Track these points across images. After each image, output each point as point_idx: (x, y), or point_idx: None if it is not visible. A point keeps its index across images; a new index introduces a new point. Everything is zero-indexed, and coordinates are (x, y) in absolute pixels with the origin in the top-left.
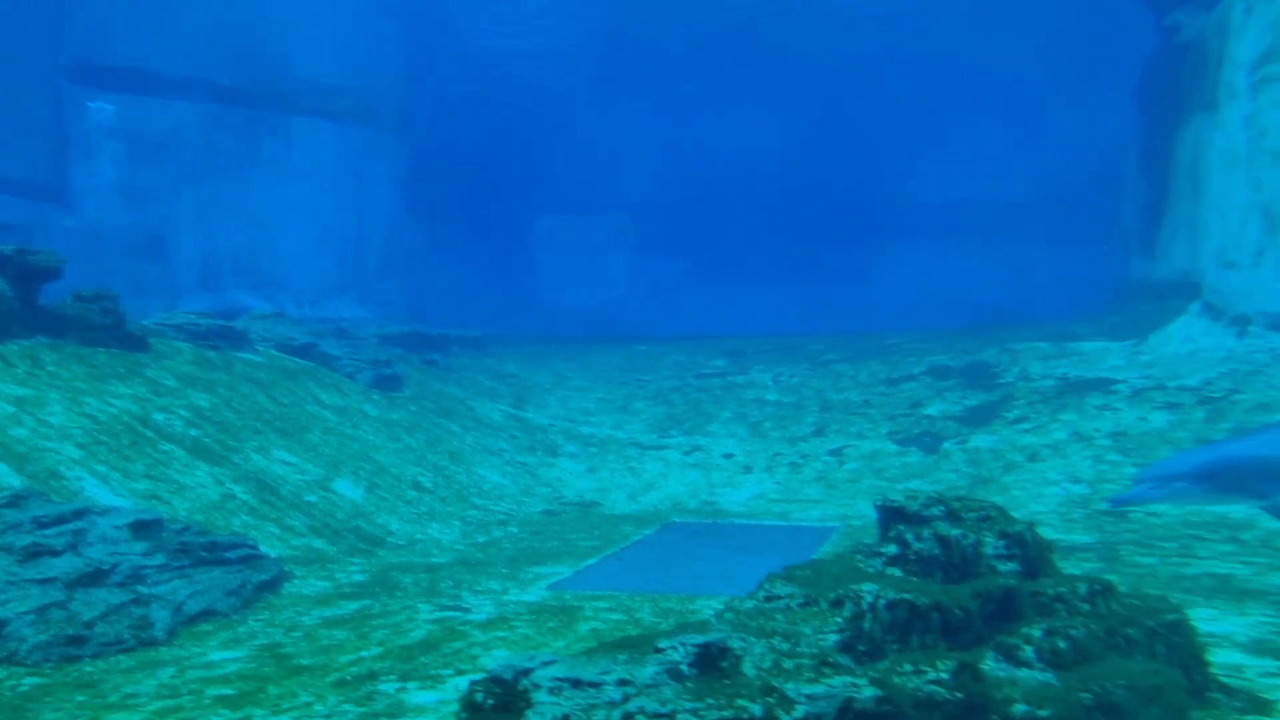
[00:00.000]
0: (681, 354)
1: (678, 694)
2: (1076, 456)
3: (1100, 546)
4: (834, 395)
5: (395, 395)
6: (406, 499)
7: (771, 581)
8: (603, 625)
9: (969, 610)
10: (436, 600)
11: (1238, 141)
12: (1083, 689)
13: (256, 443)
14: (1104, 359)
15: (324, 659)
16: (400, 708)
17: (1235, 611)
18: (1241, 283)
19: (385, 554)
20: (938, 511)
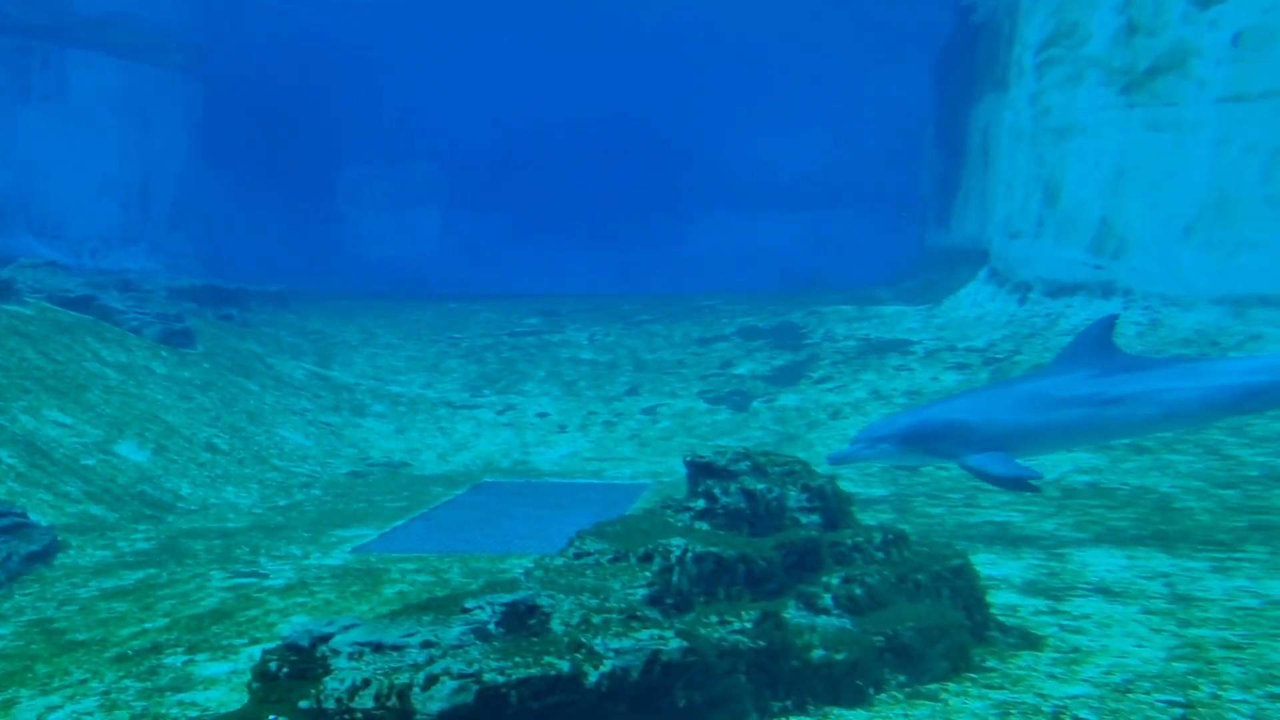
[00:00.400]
0: (495, 312)
1: (484, 653)
2: (876, 414)
3: (895, 498)
4: (648, 355)
5: (187, 352)
6: (199, 461)
7: (581, 538)
8: (409, 588)
9: (773, 561)
10: (231, 567)
11: (1024, 118)
12: (875, 632)
13: (25, 403)
14: (902, 321)
15: (102, 633)
16: (188, 681)
17: (1011, 556)
18: (1024, 252)
19: (175, 520)
20: (744, 466)
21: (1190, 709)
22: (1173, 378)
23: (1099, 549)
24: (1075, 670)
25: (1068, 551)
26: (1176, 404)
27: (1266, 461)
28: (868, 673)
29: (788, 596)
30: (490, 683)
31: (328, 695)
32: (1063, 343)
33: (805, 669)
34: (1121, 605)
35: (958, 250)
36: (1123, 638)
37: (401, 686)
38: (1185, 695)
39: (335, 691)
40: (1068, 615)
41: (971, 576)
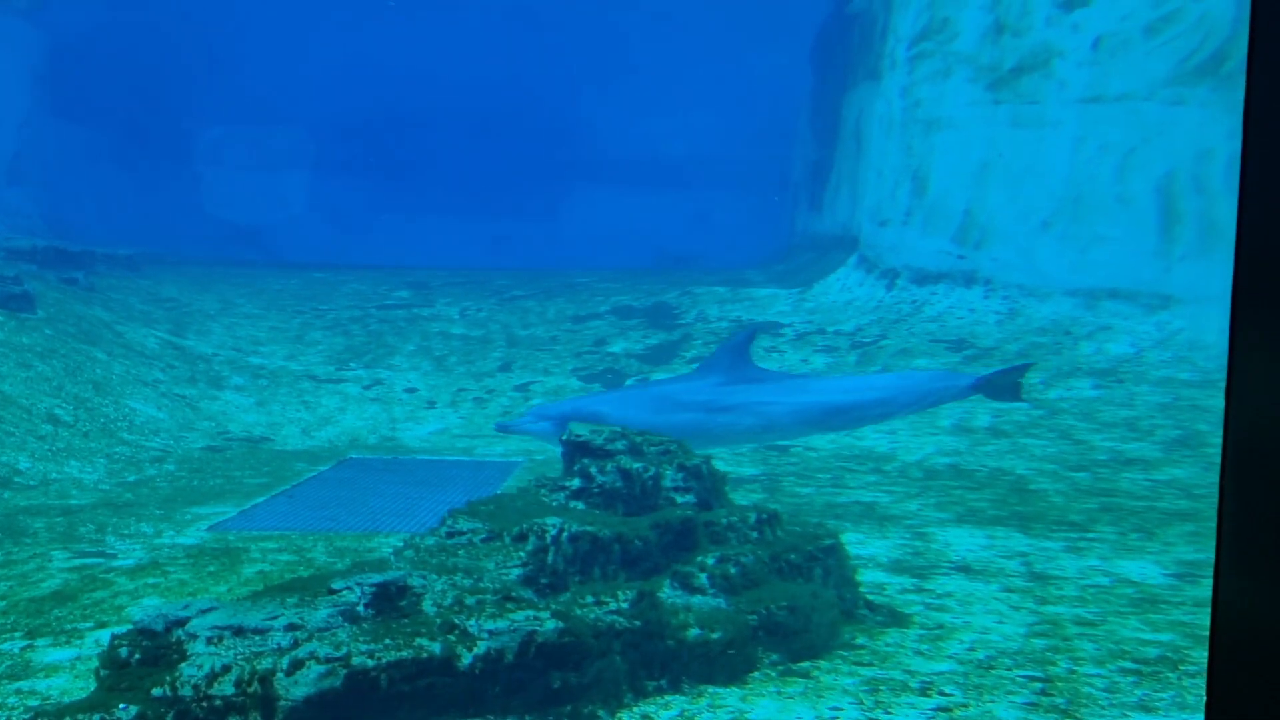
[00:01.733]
0: (363, 283)
1: (353, 636)
2: None
3: (765, 478)
4: (521, 331)
5: (26, 317)
6: (39, 434)
7: (454, 517)
8: (271, 567)
9: (649, 540)
10: (75, 546)
11: (895, 109)
12: (750, 611)
13: None
14: (773, 304)
15: None
16: (27, 668)
17: (878, 535)
18: (892, 239)
19: (11, 496)
20: (621, 445)
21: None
22: (774, 393)
23: (960, 529)
24: (940, 647)
25: (931, 531)
26: (772, 416)
27: (1114, 446)
28: (742, 651)
29: (663, 576)
30: (359, 666)
31: (184, 682)
32: (927, 329)
33: (681, 648)
34: (982, 583)
35: (829, 236)
36: (984, 615)
37: (264, 672)
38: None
39: (192, 678)
40: (932, 594)
41: (842, 556)
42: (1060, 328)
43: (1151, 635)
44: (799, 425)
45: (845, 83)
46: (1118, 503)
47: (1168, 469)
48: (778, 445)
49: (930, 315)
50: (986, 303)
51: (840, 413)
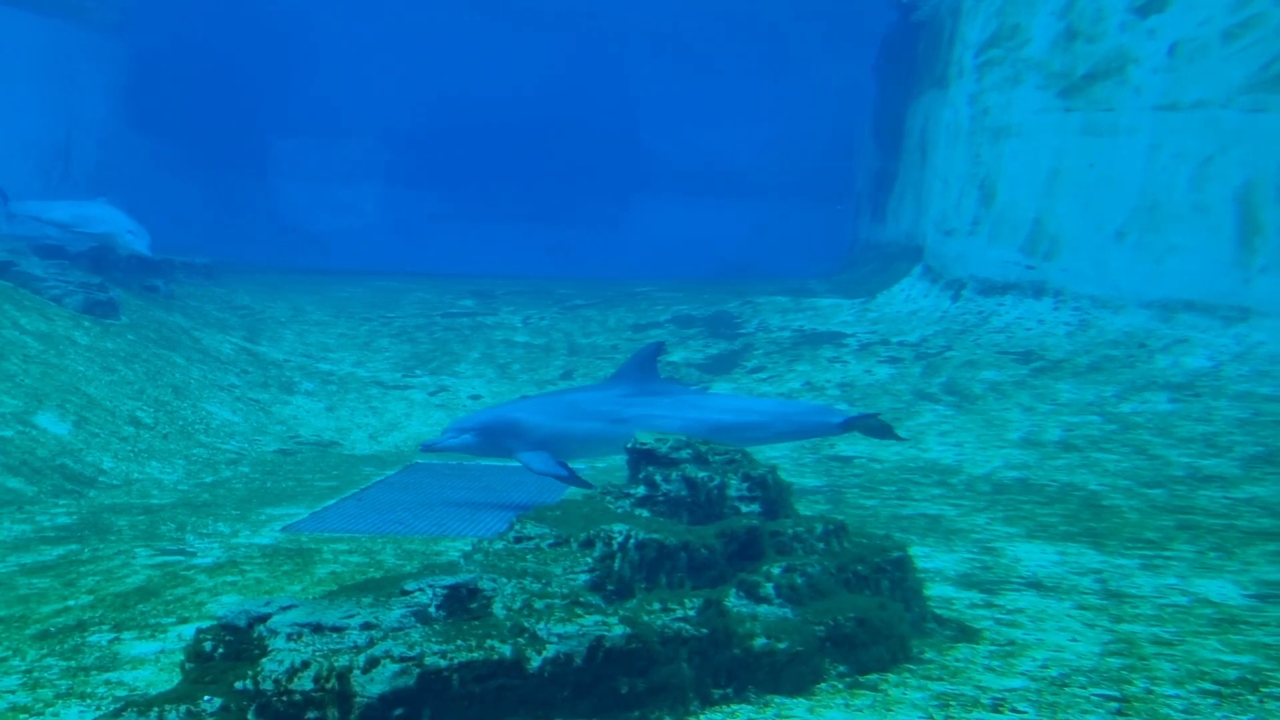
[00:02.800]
0: (428, 291)
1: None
2: None
3: (828, 489)
4: (582, 339)
5: (110, 323)
6: (122, 435)
7: (521, 522)
8: (342, 568)
9: (714, 549)
10: (157, 544)
11: (963, 117)
12: (817, 622)
13: None
14: (836, 314)
15: (22, 610)
16: (114, 660)
17: (945, 549)
18: (958, 249)
19: (97, 495)
20: (686, 454)
21: (1126, 703)
22: (668, 407)
23: (1031, 544)
24: (1012, 663)
25: (1000, 546)
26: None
27: (1191, 462)
28: (809, 662)
29: (729, 585)
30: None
31: (265, 676)
32: (994, 340)
33: (747, 657)
34: (1055, 600)
35: (892, 245)
36: (1057, 632)
37: (342, 669)
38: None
39: (273, 673)
40: (1002, 609)
41: (910, 569)
42: (1134, 340)
43: (1231, 657)
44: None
45: (910, 91)
46: (1195, 520)
47: (1247, 486)
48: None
49: (997, 326)
50: (1056, 314)
51: (723, 431)
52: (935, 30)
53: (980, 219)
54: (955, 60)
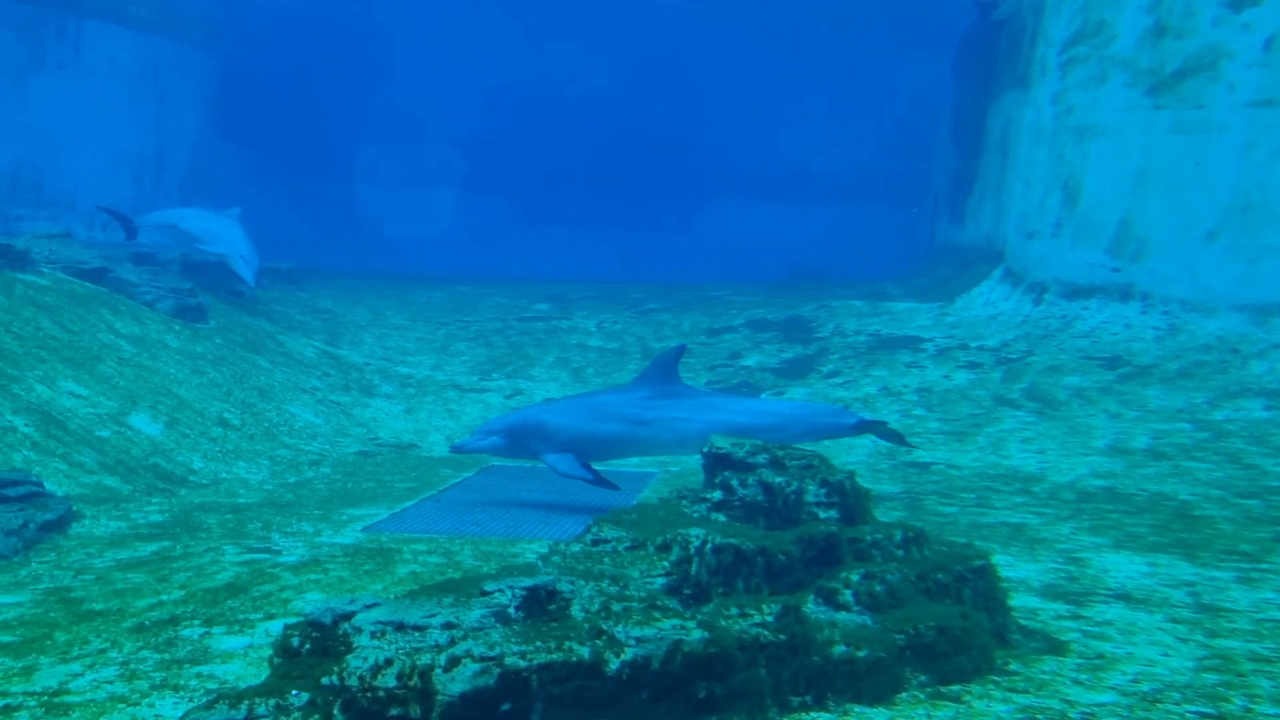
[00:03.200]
0: (504, 296)
1: (505, 637)
2: (885, 410)
3: (905, 496)
4: (656, 344)
5: (199, 326)
6: (211, 436)
7: (598, 525)
8: (422, 568)
9: (792, 555)
10: (244, 542)
11: (1045, 117)
12: (897, 630)
13: (41, 372)
14: (913, 318)
15: (119, 604)
16: (205, 654)
17: (1029, 558)
18: (1040, 251)
19: (187, 493)
20: (763, 459)
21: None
22: (689, 410)
23: (1119, 554)
24: (1101, 677)
25: (1086, 556)
26: (684, 432)
27: None
28: (889, 671)
29: (807, 591)
30: (512, 666)
31: (351, 673)
32: (1078, 345)
33: (826, 665)
34: (1145, 613)
35: (971, 248)
36: (1148, 646)
37: (424, 667)
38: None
39: (358, 669)
40: (1090, 621)
41: (993, 578)
42: (1227, 345)
43: None
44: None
45: (990, 90)
46: None
47: None
48: (918, 462)
49: (1081, 331)
50: (1144, 318)
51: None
52: (1016, 28)
53: (1064, 220)
54: (1038, 58)
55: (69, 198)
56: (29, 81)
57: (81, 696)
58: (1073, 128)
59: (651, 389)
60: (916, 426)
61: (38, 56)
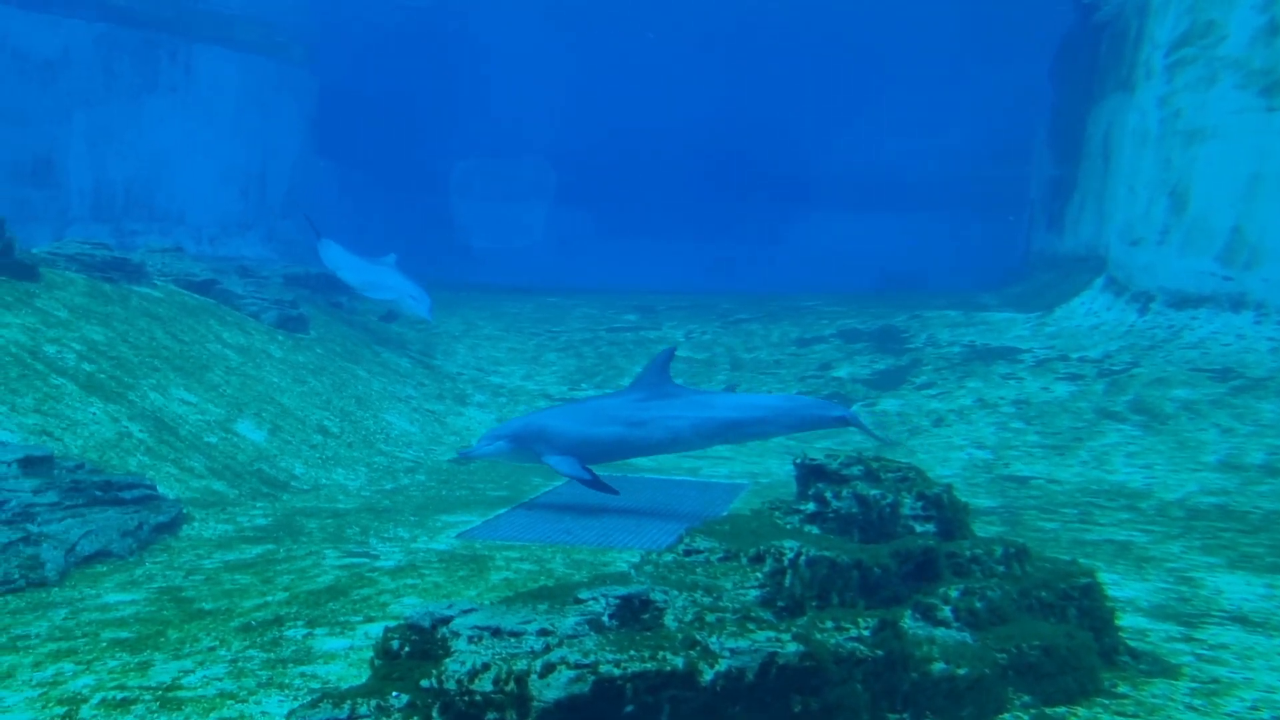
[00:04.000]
0: (593, 306)
1: (600, 645)
2: (981, 423)
3: (1004, 510)
4: (745, 354)
5: (300, 337)
6: (311, 443)
7: (691, 535)
8: (515, 575)
9: (888, 569)
10: (343, 546)
11: (1151, 121)
12: (999, 649)
13: (154, 380)
14: (1010, 329)
15: (227, 603)
16: (308, 654)
17: (1136, 577)
18: (1145, 259)
19: (289, 498)
20: (857, 471)
21: None
22: (682, 408)
23: (1233, 575)
24: (1216, 703)
25: (1199, 576)
26: (678, 429)
27: None
28: (991, 690)
29: (904, 606)
30: (606, 674)
31: (449, 676)
32: (1186, 357)
33: (925, 682)
34: (1264, 637)
35: (1070, 256)
36: (1268, 672)
37: (520, 673)
38: None
39: (456, 673)
40: (1204, 644)
41: (1099, 596)
42: None
43: None
44: (699, 437)
45: (1091, 95)
46: None
47: None
48: (1016, 476)
49: (1189, 342)
50: (1258, 329)
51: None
52: (1119, 30)
53: (1171, 227)
54: (1142, 61)
55: (179, 213)
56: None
57: (193, 692)
58: (1180, 131)
59: (645, 392)
60: (1014, 440)
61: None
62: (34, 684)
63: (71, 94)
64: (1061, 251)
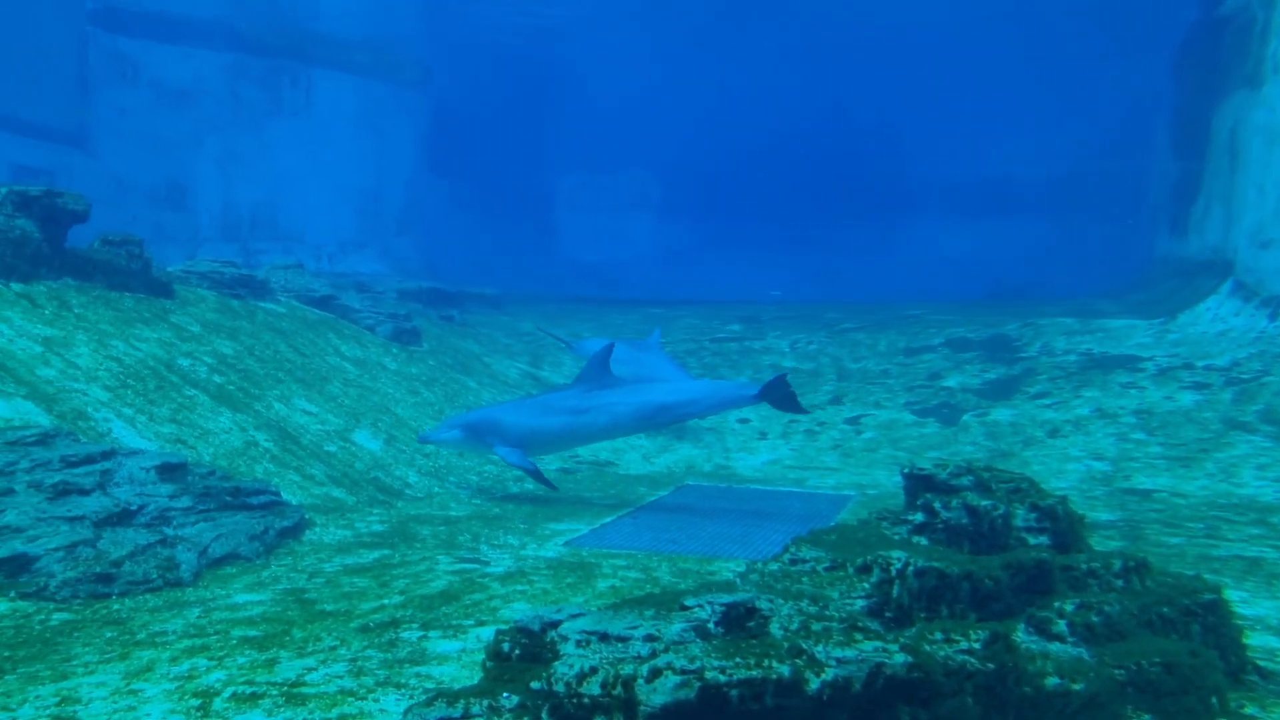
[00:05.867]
0: (697, 317)
1: (705, 651)
2: (1099, 433)
3: (1123, 524)
4: (851, 364)
5: (414, 349)
6: (425, 452)
7: (797, 545)
8: (621, 583)
9: (999, 581)
10: (455, 552)
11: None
12: (1116, 665)
13: (279, 391)
14: (1130, 336)
15: (346, 605)
16: (423, 655)
17: (1267, 594)
18: (1276, 263)
19: (403, 505)
20: (967, 481)
21: None
22: (621, 394)
23: None
24: None
25: None
26: (619, 414)
27: None
28: (1107, 708)
29: (1017, 620)
30: (712, 681)
31: (558, 679)
32: None
33: (1038, 697)
34: None
35: (1195, 260)
36: None
37: (627, 677)
38: None
39: (565, 676)
40: None
41: (1225, 613)
42: None
43: None
44: (636, 421)
45: (1216, 92)
46: None
47: None
48: (1138, 489)
49: None
50: None
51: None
52: (1244, 25)
53: None
54: (1270, 55)
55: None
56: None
57: (316, 689)
58: None
59: (589, 385)
60: (1135, 451)
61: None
62: (171, 677)
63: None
64: (1185, 255)
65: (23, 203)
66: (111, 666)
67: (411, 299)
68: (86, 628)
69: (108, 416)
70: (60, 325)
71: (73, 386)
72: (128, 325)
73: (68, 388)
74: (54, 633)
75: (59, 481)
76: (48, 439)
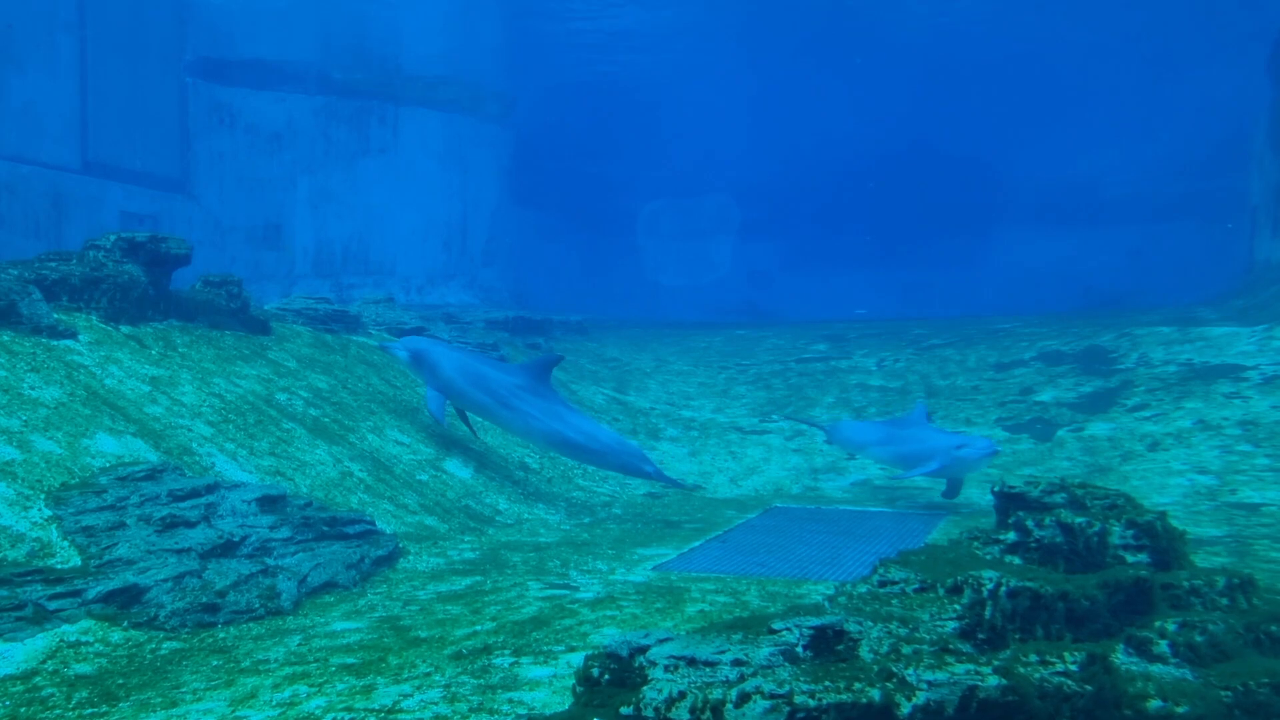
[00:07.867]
0: (781, 338)
1: (794, 675)
2: (1202, 446)
3: (1230, 540)
4: (940, 381)
5: None
6: (514, 479)
7: (886, 566)
8: (710, 607)
9: (1096, 601)
10: (545, 578)
11: None
12: (1222, 686)
13: (371, 423)
14: (1232, 344)
15: (440, 632)
16: (515, 681)
17: None
18: None
19: (494, 532)
20: (1060, 499)
21: None
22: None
23: None
24: None
25: None
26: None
27: None
28: None
29: (1115, 640)
30: (801, 705)
31: (647, 704)
32: None
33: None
34: None
35: None
36: None
37: (715, 702)
38: None
39: (653, 701)
40: None
41: None
42: None
43: None
44: (545, 443)
45: None
46: None
47: None
48: (1246, 503)
49: None
50: None
51: (572, 447)
52: None
53: None
54: None
55: (390, 265)
56: (357, 165)
57: (412, 715)
58: None
59: (525, 380)
60: (1241, 464)
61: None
62: (274, 704)
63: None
64: None
65: (130, 249)
66: (218, 693)
67: (499, 328)
68: (194, 656)
69: (211, 451)
70: (166, 365)
71: (178, 423)
72: (228, 363)
73: (174, 424)
74: (164, 661)
75: (166, 515)
76: (156, 474)
